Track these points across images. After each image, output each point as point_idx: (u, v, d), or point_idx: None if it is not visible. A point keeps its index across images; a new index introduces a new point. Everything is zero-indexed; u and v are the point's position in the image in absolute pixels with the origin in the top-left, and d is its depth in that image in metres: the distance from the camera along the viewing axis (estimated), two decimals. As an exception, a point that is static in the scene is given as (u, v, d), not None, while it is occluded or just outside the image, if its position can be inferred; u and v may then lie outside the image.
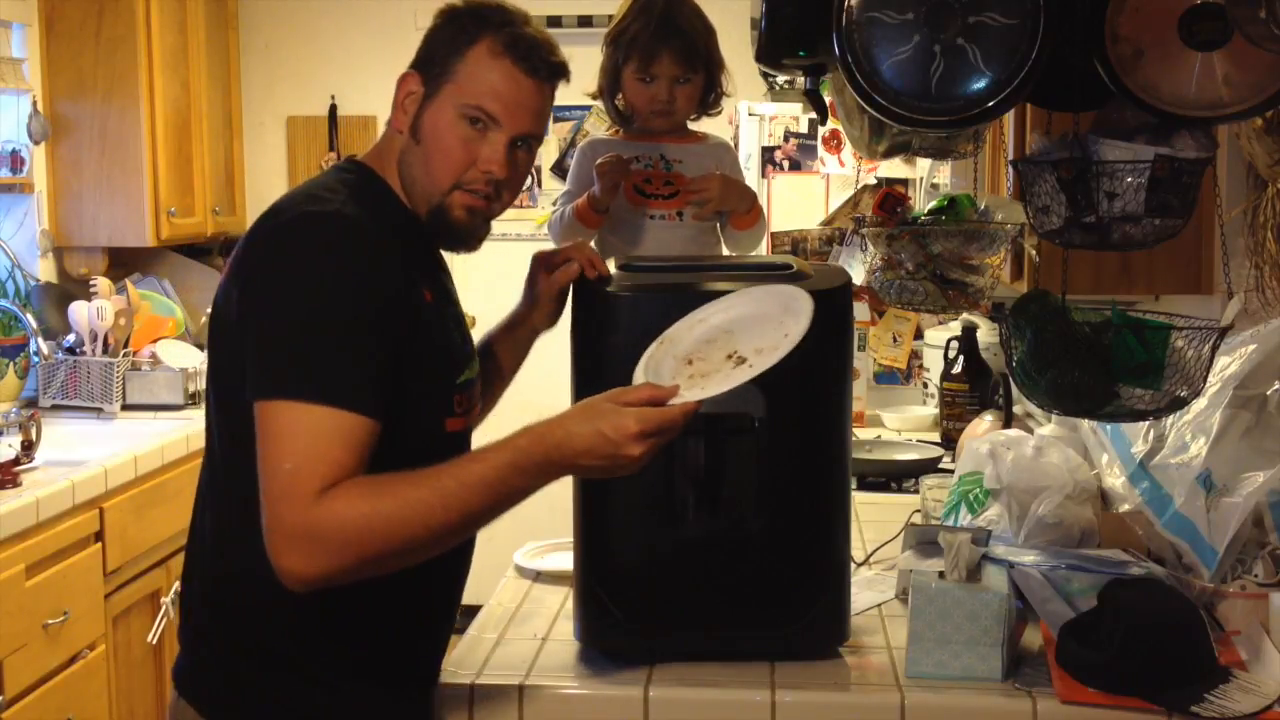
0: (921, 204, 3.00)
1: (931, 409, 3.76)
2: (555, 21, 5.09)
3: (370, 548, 1.59)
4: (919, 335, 4.02)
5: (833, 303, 1.87)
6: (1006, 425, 2.86)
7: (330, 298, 1.64)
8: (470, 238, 1.84)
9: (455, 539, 1.67)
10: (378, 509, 1.58)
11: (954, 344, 3.52)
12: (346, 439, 1.60)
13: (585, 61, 2.42)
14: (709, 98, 2.41)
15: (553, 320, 2.04)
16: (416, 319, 1.73)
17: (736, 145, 4.35)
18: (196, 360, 4.25)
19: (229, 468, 1.74)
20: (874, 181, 3.98)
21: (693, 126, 2.47)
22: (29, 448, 3.32)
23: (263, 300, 1.66)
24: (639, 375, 1.72)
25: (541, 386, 5.79)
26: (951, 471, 2.69)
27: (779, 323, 1.74)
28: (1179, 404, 1.85)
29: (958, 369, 3.48)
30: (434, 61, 1.79)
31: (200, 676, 1.81)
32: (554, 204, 2.51)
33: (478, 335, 2.06)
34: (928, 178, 3.53)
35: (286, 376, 1.61)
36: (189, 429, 3.84)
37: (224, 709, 1.79)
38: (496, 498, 1.63)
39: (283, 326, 1.64)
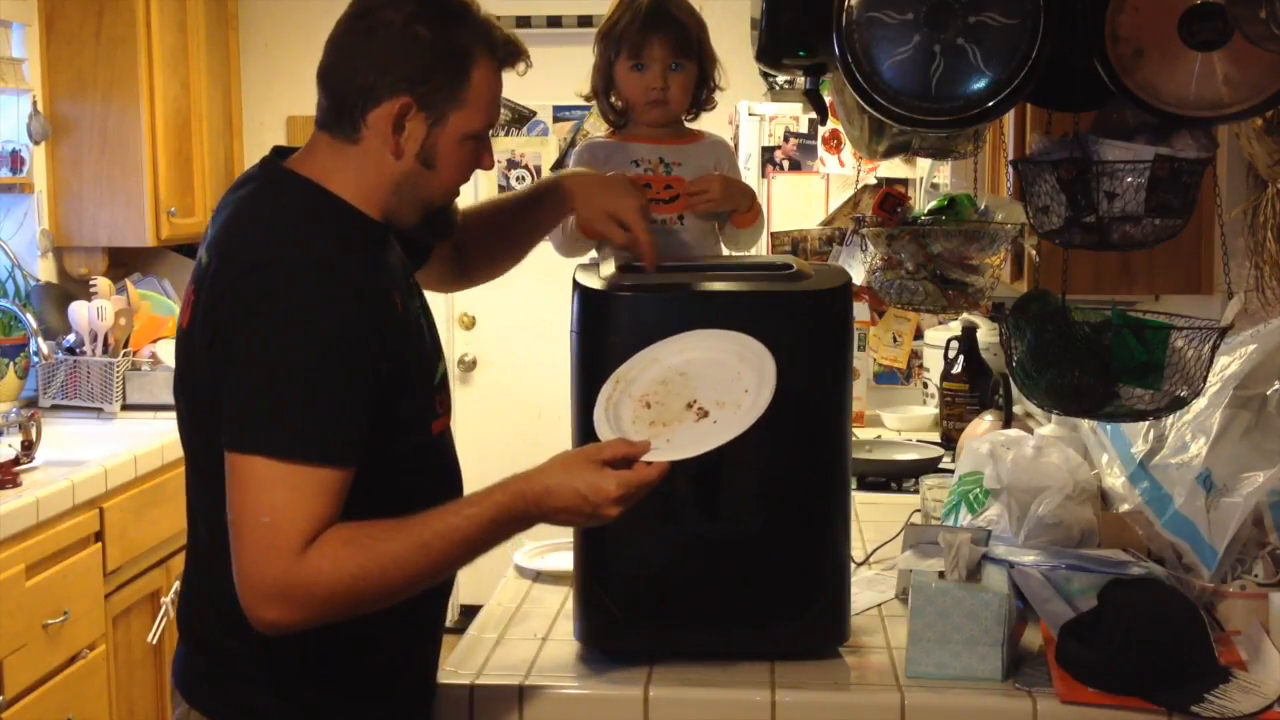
0: (921, 204, 3.00)
1: (931, 409, 3.76)
2: (555, 21, 5.09)
3: (352, 601, 1.63)
4: (919, 335, 4.02)
5: (833, 303, 1.87)
6: (1006, 425, 2.86)
7: (304, 350, 1.63)
8: (455, 223, 1.90)
9: (432, 584, 1.71)
10: (364, 566, 1.61)
11: (954, 344, 3.52)
12: (324, 492, 1.61)
13: (584, 62, 2.42)
14: (702, 93, 2.40)
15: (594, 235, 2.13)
16: (396, 344, 1.72)
17: (736, 145, 4.35)
18: (196, 360, 4.25)
19: (218, 482, 1.74)
20: (874, 181, 3.98)
21: (690, 126, 2.47)
22: (29, 448, 3.32)
23: (237, 353, 1.64)
24: (599, 419, 1.75)
25: (541, 386, 5.79)
26: (951, 471, 2.69)
27: (735, 373, 1.76)
28: (1179, 404, 1.85)
29: (958, 369, 3.48)
30: (430, 84, 1.71)
31: (208, 684, 1.80)
32: (581, 150, 2.48)
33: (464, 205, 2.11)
34: (928, 178, 3.53)
35: (262, 432, 1.61)
36: (189, 429, 3.84)
37: (236, 715, 1.79)
38: (474, 549, 1.68)
39: (258, 381, 1.63)
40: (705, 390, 1.76)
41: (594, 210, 2.10)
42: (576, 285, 1.92)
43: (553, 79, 3.64)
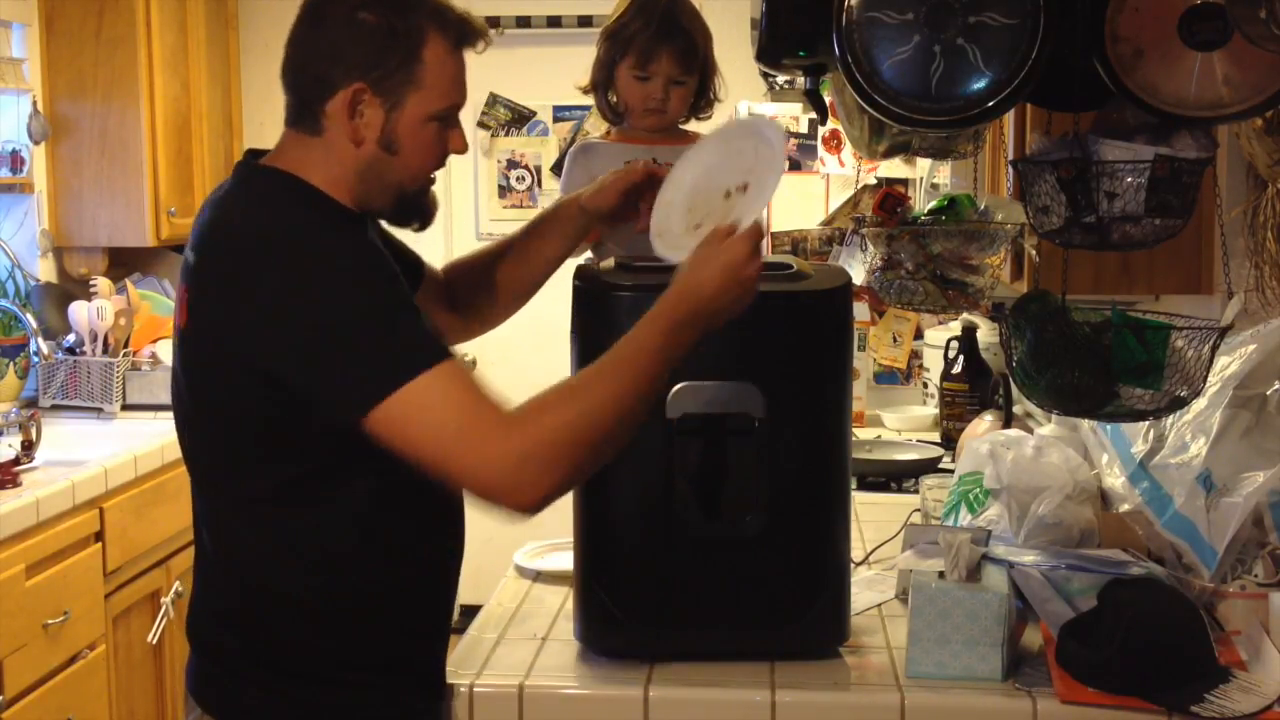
0: (921, 204, 3.00)
1: (931, 409, 3.76)
2: (555, 21, 5.09)
3: (578, 448, 1.63)
4: (919, 335, 4.02)
5: (833, 303, 1.87)
6: (1006, 425, 2.85)
7: (362, 286, 1.65)
8: (434, 209, 1.87)
9: (639, 411, 1.67)
10: (573, 408, 1.63)
11: (954, 344, 3.52)
12: (466, 378, 1.64)
13: (584, 62, 2.43)
14: (700, 101, 2.42)
15: (609, 206, 2.07)
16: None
17: (737, 145, 4.34)
18: (196, 360, 4.25)
19: (220, 485, 1.74)
20: (874, 181, 3.98)
21: (684, 127, 2.47)
22: (29, 448, 3.32)
23: (304, 324, 1.63)
24: (656, 236, 1.83)
25: (541, 386, 5.74)
26: (951, 471, 2.69)
27: (738, 150, 1.80)
28: (1179, 404, 1.85)
29: (958, 369, 3.48)
30: (383, 69, 1.71)
31: (220, 689, 1.81)
32: (578, 148, 2.48)
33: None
34: (928, 178, 3.53)
35: (384, 371, 1.61)
36: (189, 429, 3.84)
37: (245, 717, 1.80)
38: (657, 362, 1.67)
39: (344, 334, 1.62)
40: (729, 177, 1.79)
41: (606, 194, 2.07)
42: (576, 285, 1.92)
43: (553, 79, 3.64)
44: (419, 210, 1.83)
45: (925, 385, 3.97)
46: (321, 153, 1.76)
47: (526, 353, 5.27)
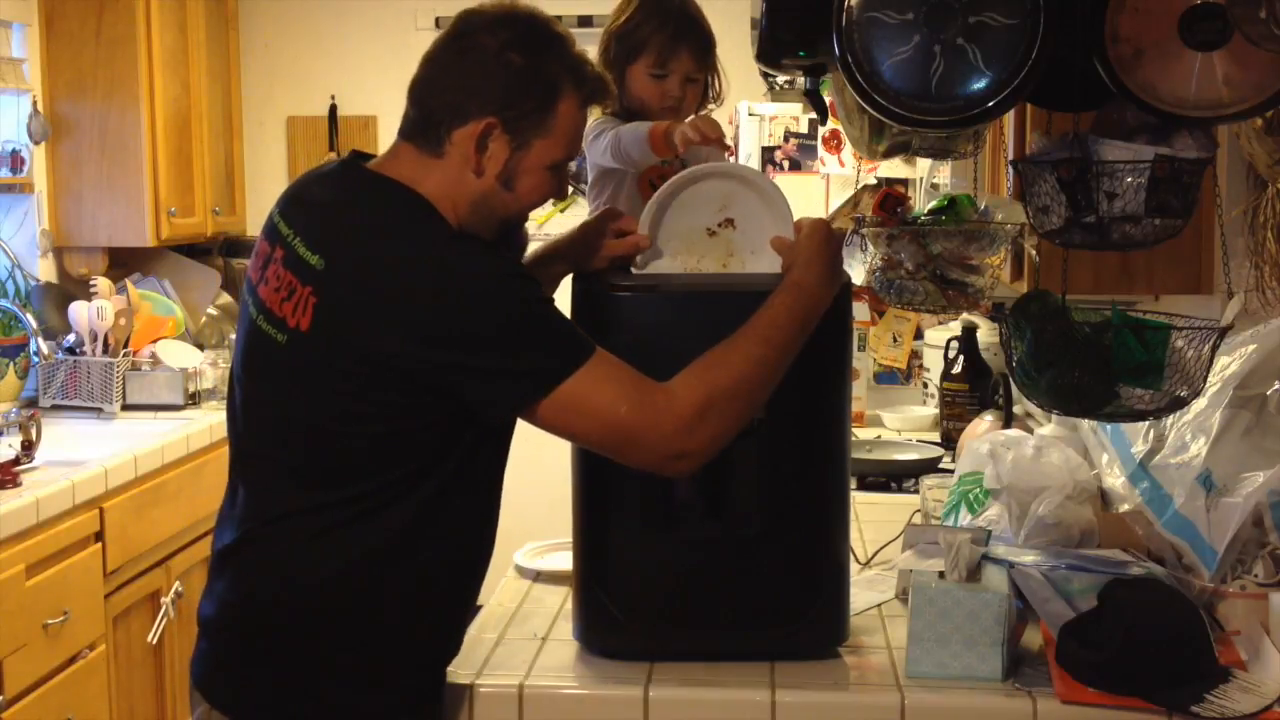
0: (921, 204, 2.99)
1: (931, 409, 3.76)
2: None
3: (733, 405, 1.75)
4: (919, 335, 4.02)
5: (833, 303, 1.87)
6: (1006, 425, 2.86)
7: (516, 290, 1.73)
8: (527, 242, 1.99)
9: (779, 369, 1.80)
10: (723, 372, 1.75)
11: (954, 344, 3.52)
12: (619, 362, 1.74)
13: (585, 61, 2.42)
14: (705, 96, 2.45)
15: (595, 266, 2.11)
16: None
17: (736, 145, 4.35)
18: (196, 360, 4.25)
19: (341, 475, 1.76)
20: (874, 181, 3.97)
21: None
22: (29, 448, 3.32)
23: (472, 334, 1.70)
24: (660, 257, 1.96)
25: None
26: (951, 471, 2.69)
27: (706, 196, 1.94)
28: (1179, 404, 1.85)
29: (958, 369, 3.48)
30: (518, 110, 1.77)
31: (233, 683, 1.81)
32: (598, 123, 2.46)
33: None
34: (928, 178, 3.53)
35: (552, 366, 1.71)
36: (189, 429, 3.84)
37: (258, 713, 1.81)
38: (786, 330, 1.80)
39: (510, 337, 1.71)
40: (701, 219, 1.95)
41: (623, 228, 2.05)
42: (576, 285, 1.92)
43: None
44: (513, 242, 1.91)
45: (925, 385, 3.97)
46: (439, 174, 1.79)
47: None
